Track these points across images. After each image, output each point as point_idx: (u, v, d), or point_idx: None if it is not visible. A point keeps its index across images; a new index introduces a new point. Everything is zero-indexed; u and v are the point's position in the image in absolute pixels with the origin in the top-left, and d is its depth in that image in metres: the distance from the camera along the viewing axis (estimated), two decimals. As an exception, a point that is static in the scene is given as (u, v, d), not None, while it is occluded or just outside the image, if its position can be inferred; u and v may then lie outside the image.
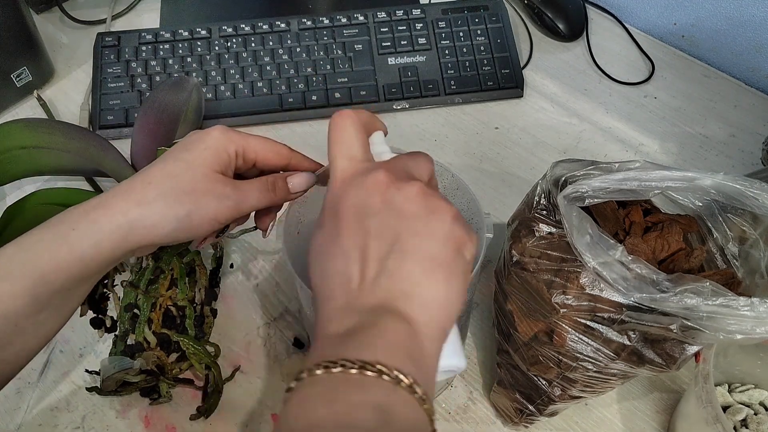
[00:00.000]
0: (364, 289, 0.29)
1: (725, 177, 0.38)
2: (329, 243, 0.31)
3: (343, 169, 0.32)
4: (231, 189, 0.37)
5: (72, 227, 0.34)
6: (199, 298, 0.54)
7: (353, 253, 0.30)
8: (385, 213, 0.30)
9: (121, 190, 0.36)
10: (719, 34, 0.75)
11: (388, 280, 0.29)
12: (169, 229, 0.35)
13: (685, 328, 0.35)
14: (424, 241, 0.29)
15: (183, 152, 0.37)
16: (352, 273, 0.29)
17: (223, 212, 0.36)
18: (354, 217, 0.30)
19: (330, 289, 0.30)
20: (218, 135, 0.37)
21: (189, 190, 0.35)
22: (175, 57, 0.71)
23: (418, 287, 0.29)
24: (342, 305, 0.29)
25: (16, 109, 0.70)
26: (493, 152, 0.68)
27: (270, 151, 0.39)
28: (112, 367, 0.48)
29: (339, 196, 0.31)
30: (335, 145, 0.33)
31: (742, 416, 0.49)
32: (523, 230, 0.42)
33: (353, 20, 0.74)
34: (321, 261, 0.31)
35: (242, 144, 0.38)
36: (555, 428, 0.51)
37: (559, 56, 0.77)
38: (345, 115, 0.34)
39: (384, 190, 0.30)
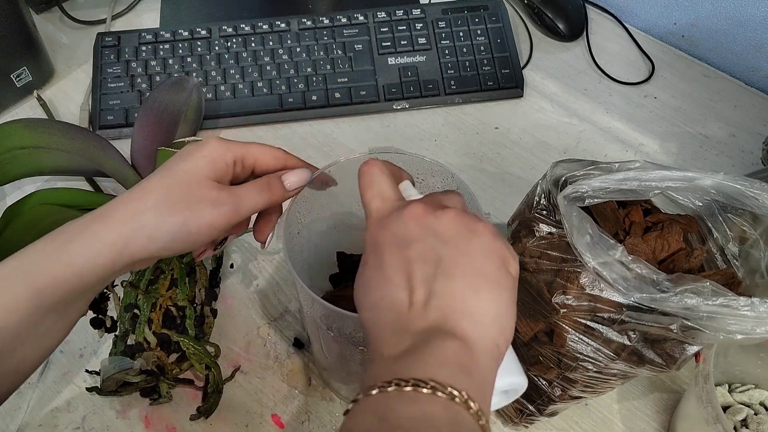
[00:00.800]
0: (414, 312, 0.30)
1: (725, 177, 0.38)
2: (374, 275, 0.31)
3: (378, 209, 0.34)
4: (226, 194, 0.37)
5: (70, 240, 0.34)
6: (199, 298, 0.54)
7: (399, 280, 0.30)
8: (425, 238, 0.31)
9: (119, 202, 0.36)
10: (719, 34, 0.75)
11: (437, 301, 0.29)
12: (166, 239, 0.35)
13: (685, 328, 0.35)
14: (467, 259, 0.30)
15: (179, 162, 0.37)
16: (400, 299, 0.30)
17: (221, 218, 0.36)
18: (395, 247, 0.31)
19: (380, 317, 0.30)
20: (215, 143, 0.37)
21: (183, 198, 0.35)
22: (175, 57, 0.71)
23: (467, 304, 0.29)
24: (394, 330, 0.30)
25: (16, 109, 0.70)
26: (493, 152, 0.68)
27: (268, 156, 0.39)
28: (112, 368, 0.48)
29: (377, 233, 0.32)
30: (368, 189, 0.35)
31: (742, 416, 0.49)
32: (523, 230, 0.42)
33: (353, 20, 0.74)
34: (368, 293, 0.31)
35: (240, 152, 0.38)
36: (555, 428, 0.51)
37: (559, 56, 0.77)
38: (371, 163, 0.35)
39: (422, 219, 0.31)
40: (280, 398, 0.52)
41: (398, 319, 0.30)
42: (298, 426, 0.51)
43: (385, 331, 0.30)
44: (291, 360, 0.54)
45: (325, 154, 0.67)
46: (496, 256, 0.31)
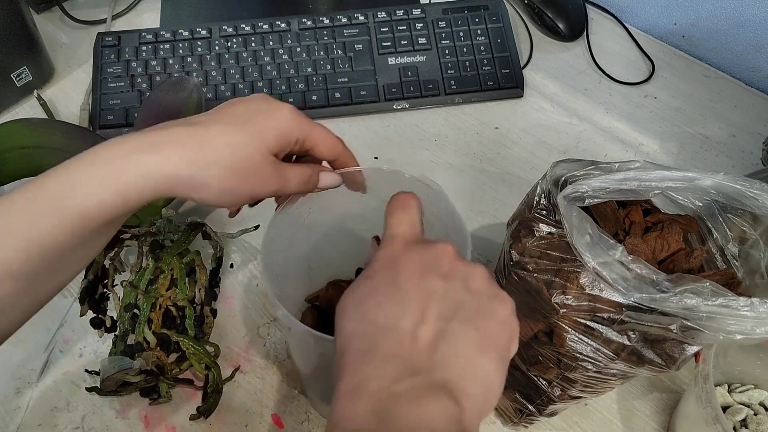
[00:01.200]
0: (418, 348, 0.28)
1: (725, 177, 0.38)
2: (381, 290, 0.30)
3: (405, 233, 0.32)
4: (277, 175, 0.37)
5: (120, 171, 0.33)
6: (199, 298, 0.54)
7: (411, 306, 0.29)
8: (453, 279, 0.30)
9: (178, 138, 0.34)
10: (719, 34, 0.75)
11: (446, 345, 0.28)
12: (212, 195, 0.35)
13: (685, 328, 0.35)
14: (485, 320, 0.29)
15: (248, 124, 0.36)
16: (405, 326, 0.28)
17: (263, 193, 0.37)
18: (419, 273, 0.30)
19: (372, 337, 0.28)
20: (288, 117, 0.37)
21: (242, 167, 0.35)
22: (176, 57, 0.71)
23: (475, 364, 0.28)
24: (388, 360, 0.27)
25: (17, 109, 0.70)
26: (493, 152, 0.68)
27: (327, 145, 0.40)
28: (111, 367, 0.48)
29: (399, 252, 0.31)
30: (400, 212, 0.33)
31: (741, 416, 0.49)
32: (523, 230, 0.42)
33: (353, 20, 0.74)
34: (365, 307, 0.29)
35: (306, 133, 0.38)
36: (555, 428, 0.51)
37: (559, 56, 0.77)
38: (414, 196, 0.34)
39: (454, 261, 0.30)
40: (280, 398, 0.52)
41: (397, 348, 0.28)
42: (297, 426, 0.51)
43: (376, 355, 0.28)
44: (291, 360, 0.54)
45: (325, 154, 0.67)
46: (509, 330, 0.30)
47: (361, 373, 0.27)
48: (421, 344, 0.28)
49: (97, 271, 0.54)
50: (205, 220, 0.62)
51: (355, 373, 0.28)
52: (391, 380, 0.27)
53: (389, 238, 0.32)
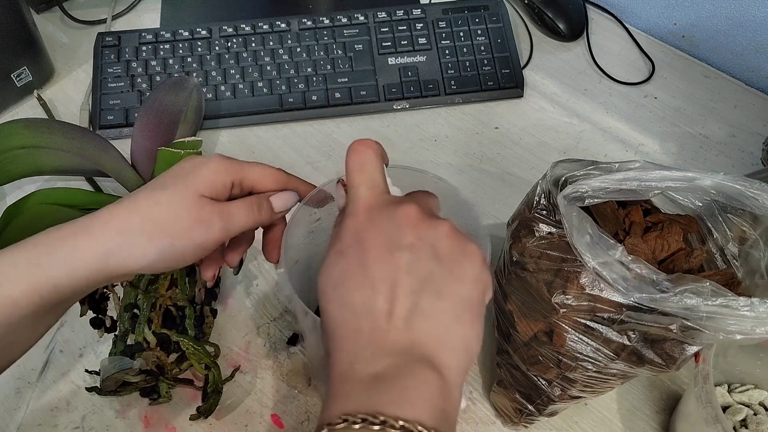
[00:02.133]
0: (394, 326, 0.28)
1: (725, 177, 0.38)
2: (353, 272, 0.29)
3: (365, 197, 0.32)
4: (217, 215, 0.35)
5: (48, 251, 0.33)
6: (199, 298, 0.54)
7: (382, 286, 0.29)
8: (419, 249, 0.29)
9: (104, 215, 0.34)
10: (719, 34, 0.75)
11: (421, 319, 0.28)
12: (150, 259, 0.34)
13: (685, 328, 0.35)
14: (457, 284, 0.29)
15: (173, 179, 0.35)
16: (379, 307, 0.28)
17: (210, 239, 0.35)
18: (384, 248, 0.29)
19: (353, 322, 0.29)
20: (215, 167, 0.36)
21: (173, 218, 0.34)
22: (176, 57, 0.71)
23: (450, 331, 0.28)
24: (369, 342, 0.28)
25: (16, 109, 0.70)
26: (493, 152, 0.68)
27: (268, 178, 0.38)
28: (111, 367, 0.48)
29: (364, 225, 0.30)
30: (357, 173, 0.33)
31: (741, 416, 0.49)
32: (523, 230, 0.42)
33: (353, 20, 0.74)
34: (341, 290, 0.29)
35: (240, 175, 0.37)
36: (555, 428, 0.51)
37: (559, 56, 0.77)
38: (368, 145, 0.33)
39: (416, 225, 0.30)
40: (280, 398, 0.52)
41: (375, 329, 0.28)
42: (297, 426, 0.51)
43: (359, 339, 0.28)
44: (291, 360, 0.54)
45: (325, 154, 0.67)
46: (482, 285, 0.30)
47: (346, 360, 0.28)
48: (397, 322, 0.28)
49: (97, 271, 0.54)
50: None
51: (342, 360, 0.28)
52: (373, 362, 0.27)
53: (351, 203, 0.32)
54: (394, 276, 0.29)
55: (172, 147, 0.57)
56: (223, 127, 0.69)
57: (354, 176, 0.33)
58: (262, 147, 0.68)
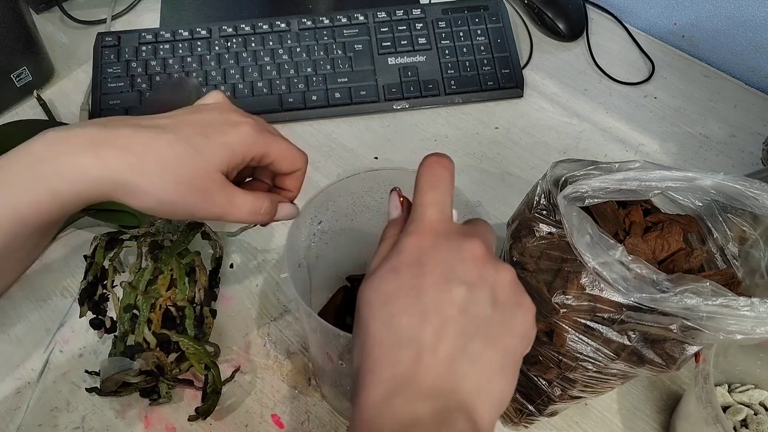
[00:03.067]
0: (437, 364, 0.27)
1: (725, 177, 0.38)
2: (405, 293, 0.28)
3: (432, 219, 0.30)
4: (224, 198, 0.35)
5: (58, 172, 0.32)
6: (199, 298, 0.54)
7: (433, 317, 0.27)
8: (478, 289, 0.28)
9: (121, 140, 0.33)
10: (719, 34, 0.75)
11: (466, 364, 0.27)
12: (148, 203, 0.34)
13: (685, 328, 0.35)
14: (507, 335, 0.29)
15: (199, 137, 0.34)
16: (426, 338, 0.27)
17: (203, 214, 0.35)
18: (443, 278, 0.28)
19: (395, 346, 0.28)
20: (245, 135, 0.35)
21: (185, 182, 0.34)
22: (175, 57, 0.71)
23: (491, 382, 0.28)
24: (409, 375, 0.27)
25: (16, 109, 0.70)
26: (493, 152, 0.68)
27: (287, 160, 0.38)
28: (111, 368, 0.48)
29: (427, 248, 0.29)
30: (430, 191, 0.31)
31: (742, 416, 0.49)
32: (523, 230, 0.42)
33: (353, 20, 0.74)
34: (390, 309, 0.28)
35: (265, 150, 0.37)
36: (555, 428, 0.51)
37: (559, 56, 0.77)
38: (445, 164, 0.33)
39: (481, 265, 0.29)
40: (280, 398, 0.52)
41: (417, 362, 0.27)
42: (298, 426, 0.51)
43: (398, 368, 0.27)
44: (291, 360, 0.54)
45: (325, 154, 0.67)
46: (528, 341, 0.30)
47: (381, 388, 0.27)
48: (441, 360, 0.27)
49: (97, 272, 0.54)
50: (205, 220, 0.62)
51: (377, 387, 0.27)
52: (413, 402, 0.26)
53: (418, 221, 0.31)
54: (447, 310, 0.28)
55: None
56: (223, 127, 0.69)
57: (426, 194, 0.31)
58: (262, 147, 0.68)
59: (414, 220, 0.31)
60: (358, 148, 0.68)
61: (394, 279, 0.29)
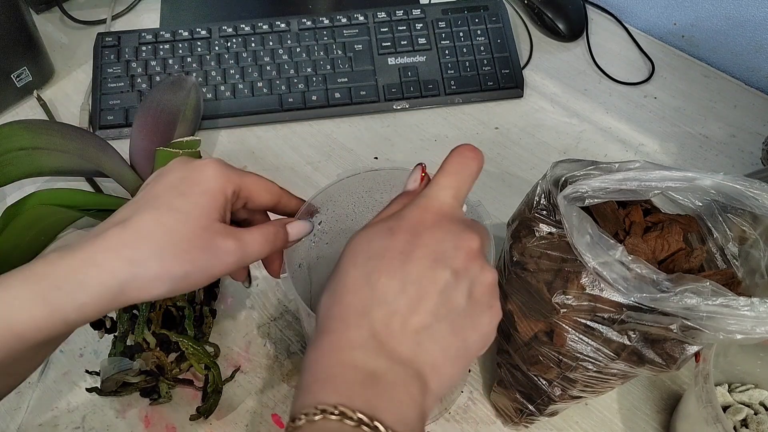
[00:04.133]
0: (403, 333, 0.29)
1: (725, 177, 0.38)
2: (392, 256, 0.29)
3: (445, 203, 0.32)
4: (233, 243, 0.34)
5: (56, 286, 0.31)
6: (199, 298, 0.54)
7: (411, 288, 0.29)
8: (460, 279, 0.30)
9: (112, 241, 0.32)
10: (719, 34, 0.75)
11: (429, 342, 0.29)
12: (164, 289, 0.32)
13: (685, 328, 0.35)
14: (471, 329, 0.30)
15: (178, 198, 0.33)
16: (399, 307, 0.29)
17: (224, 269, 0.34)
18: (432, 257, 0.30)
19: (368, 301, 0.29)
20: (214, 174, 0.34)
21: (187, 247, 0.32)
22: (175, 57, 0.71)
23: (446, 364, 0.29)
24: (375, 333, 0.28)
25: (16, 110, 0.70)
26: (493, 152, 0.68)
27: (263, 190, 0.38)
28: (111, 368, 0.48)
29: (428, 224, 0.31)
30: (452, 175, 0.33)
31: (742, 416, 0.49)
32: (523, 230, 0.42)
33: (353, 20, 0.74)
34: (374, 264, 0.30)
35: (238, 183, 0.36)
36: (555, 428, 0.51)
37: (559, 56, 0.77)
38: (477, 157, 0.34)
39: (471, 259, 0.30)
40: (280, 398, 0.52)
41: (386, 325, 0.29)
42: (298, 426, 0.51)
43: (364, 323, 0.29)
44: (291, 360, 0.54)
45: (325, 154, 0.67)
46: (487, 343, 0.31)
47: (348, 337, 0.29)
48: (408, 332, 0.29)
49: (97, 272, 0.54)
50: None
51: (343, 334, 0.29)
52: (376, 359, 0.28)
53: (428, 199, 0.32)
54: (426, 287, 0.29)
55: (170, 147, 0.57)
56: (223, 127, 0.69)
57: (447, 177, 0.33)
58: (262, 147, 0.68)
59: (426, 195, 0.32)
60: (358, 148, 0.68)
61: (387, 238, 0.30)
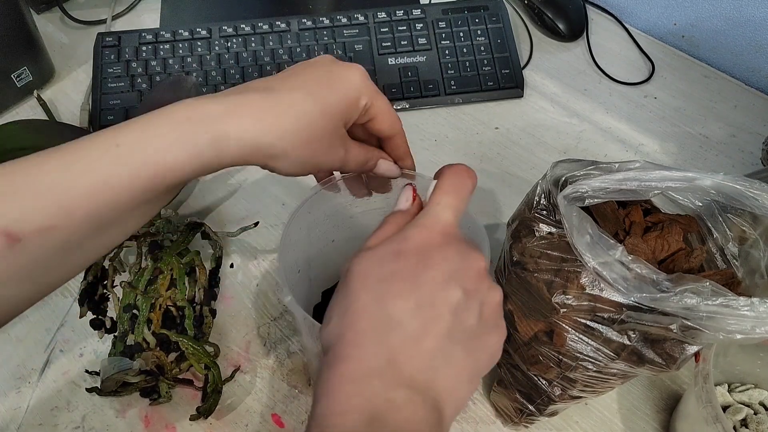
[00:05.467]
0: (418, 355, 0.28)
1: (725, 177, 0.38)
2: (403, 278, 0.29)
3: (447, 222, 0.32)
4: (343, 149, 0.36)
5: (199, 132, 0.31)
6: (199, 298, 0.54)
7: (426, 311, 0.29)
8: (471, 299, 0.30)
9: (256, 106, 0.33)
10: (719, 34, 0.75)
11: (444, 364, 0.29)
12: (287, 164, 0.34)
13: (685, 328, 0.35)
14: (482, 350, 0.30)
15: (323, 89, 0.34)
16: (413, 330, 0.28)
17: (327, 165, 0.36)
18: (443, 277, 0.29)
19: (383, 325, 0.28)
20: (360, 80, 0.35)
21: (317, 137, 0.34)
22: (176, 57, 0.71)
23: (461, 388, 0.29)
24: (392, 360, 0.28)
25: (16, 110, 0.70)
26: (493, 152, 0.68)
27: (388, 118, 0.38)
28: (111, 368, 0.48)
29: (435, 244, 0.30)
30: (451, 194, 0.33)
31: (741, 416, 0.49)
32: (523, 230, 0.42)
33: (353, 20, 0.74)
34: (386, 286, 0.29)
35: (372, 100, 0.36)
36: (555, 428, 0.51)
37: (559, 56, 0.77)
38: (473, 177, 0.34)
39: (479, 279, 0.31)
40: (280, 398, 0.52)
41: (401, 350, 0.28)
42: (298, 426, 0.51)
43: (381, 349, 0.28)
44: (291, 360, 0.54)
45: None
46: (494, 360, 0.31)
47: (365, 365, 0.28)
48: (423, 355, 0.28)
49: (97, 272, 0.54)
50: (205, 220, 0.62)
51: (360, 362, 0.28)
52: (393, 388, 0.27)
53: (433, 217, 0.32)
54: (440, 308, 0.29)
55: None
56: (223, 127, 0.69)
57: (447, 196, 0.33)
58: (262, 147, 0.68)
59: (428, 215, 0.32)
60: (358, 148, 0.68)
61: (396, 261, 0.30)
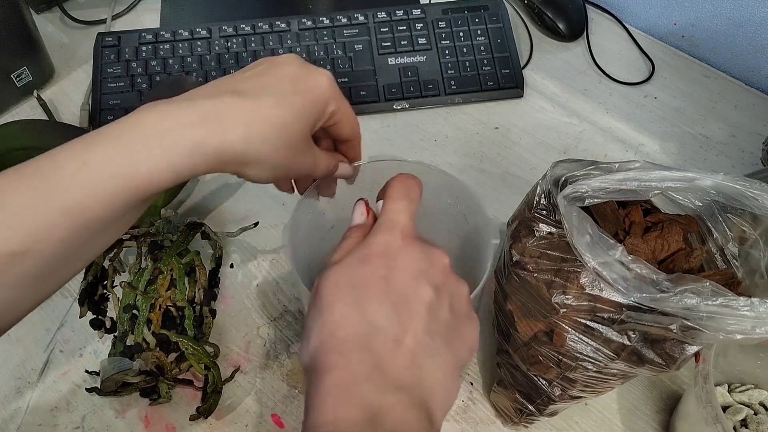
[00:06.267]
0: (401, 355, 0.28)
1: (725, 177, 0.38)
2: (375, 282, 0.29)
3: (406, 225, 0.32)
4: (313, 156, 0.36)
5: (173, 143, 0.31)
6: (199, 298, 0.54)
7: (401, 310, 0.29)
8: (442, 295, 0.30)
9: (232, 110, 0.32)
10: (719, 34, 0.75)
11: (428, 363, 0.29)
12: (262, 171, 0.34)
13: (685, 328, 0.35)
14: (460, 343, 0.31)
15: (294, 95, 0.34)
16: (392, 332, 0.28)
17: (299, 173, 0.36)
18: (412, 275, 0.30)
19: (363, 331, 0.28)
20: (328, 86, 0.35)
21: (293, 144, 0.34)
22: (176, 57, 0.71)
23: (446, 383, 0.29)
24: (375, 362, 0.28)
25: (17, 109, 0.70)
26: (493, 152, 0.68)
27: (350, 124, 0.38)
28: (111, 368, 0.48)
29: (399, 246, 0.31)
30: (403, 200, 0.33)
31: (741, 416, 0.49)
32: (523, 230, 0.42)
33: (353, 20, 0.74)
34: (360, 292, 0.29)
35: (338, 106, 0.36)
36: (555, 428, 0.51)
37: (559, 56, 0.77)
38: (418, 182, 0.35)
39: (446, 274, 0.31)
40: (280, 398, 0.52)
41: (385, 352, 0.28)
42: (297, 426, 0.51)
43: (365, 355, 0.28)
44: (291, 360, 0.54)
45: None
46: (472, 351, 0.32)
47: (351, 372, 0.28)
48: (405, 353, 0.28)
49: (97, 272, 0.54)
50: (205, 220, 0.62)
51: (346, 370, 0.28)
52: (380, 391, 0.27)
53: (389, 223, 0.32)
54: (415, 307, 0.29)
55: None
56: (223, 127, 0.69)
57: (398, 202, 0.33)
58: (262, 147, 0.68)
59: (384, 222, 0.32)
60: (358, 148, 0.68)
61: (363, 267, 0.30)
